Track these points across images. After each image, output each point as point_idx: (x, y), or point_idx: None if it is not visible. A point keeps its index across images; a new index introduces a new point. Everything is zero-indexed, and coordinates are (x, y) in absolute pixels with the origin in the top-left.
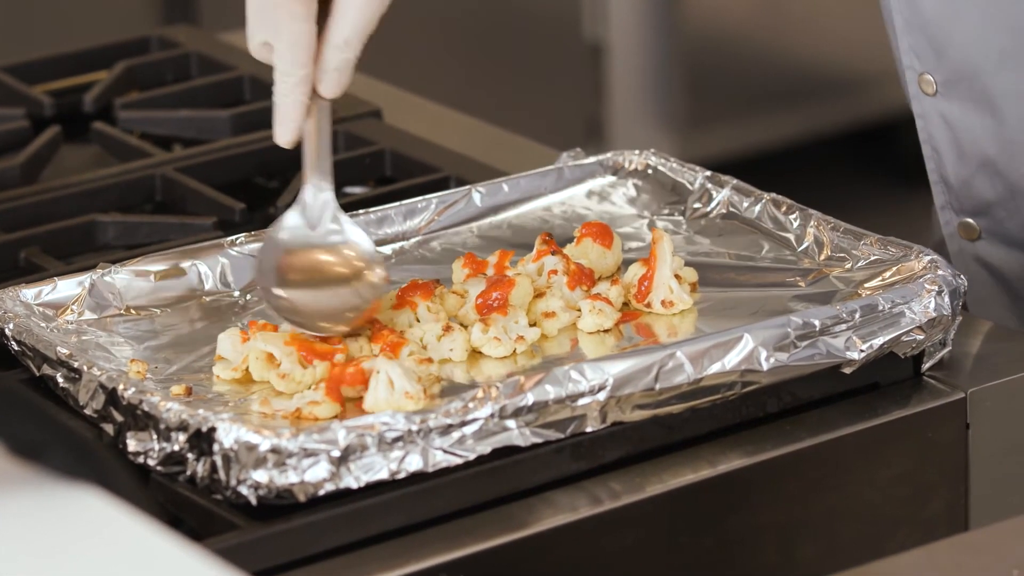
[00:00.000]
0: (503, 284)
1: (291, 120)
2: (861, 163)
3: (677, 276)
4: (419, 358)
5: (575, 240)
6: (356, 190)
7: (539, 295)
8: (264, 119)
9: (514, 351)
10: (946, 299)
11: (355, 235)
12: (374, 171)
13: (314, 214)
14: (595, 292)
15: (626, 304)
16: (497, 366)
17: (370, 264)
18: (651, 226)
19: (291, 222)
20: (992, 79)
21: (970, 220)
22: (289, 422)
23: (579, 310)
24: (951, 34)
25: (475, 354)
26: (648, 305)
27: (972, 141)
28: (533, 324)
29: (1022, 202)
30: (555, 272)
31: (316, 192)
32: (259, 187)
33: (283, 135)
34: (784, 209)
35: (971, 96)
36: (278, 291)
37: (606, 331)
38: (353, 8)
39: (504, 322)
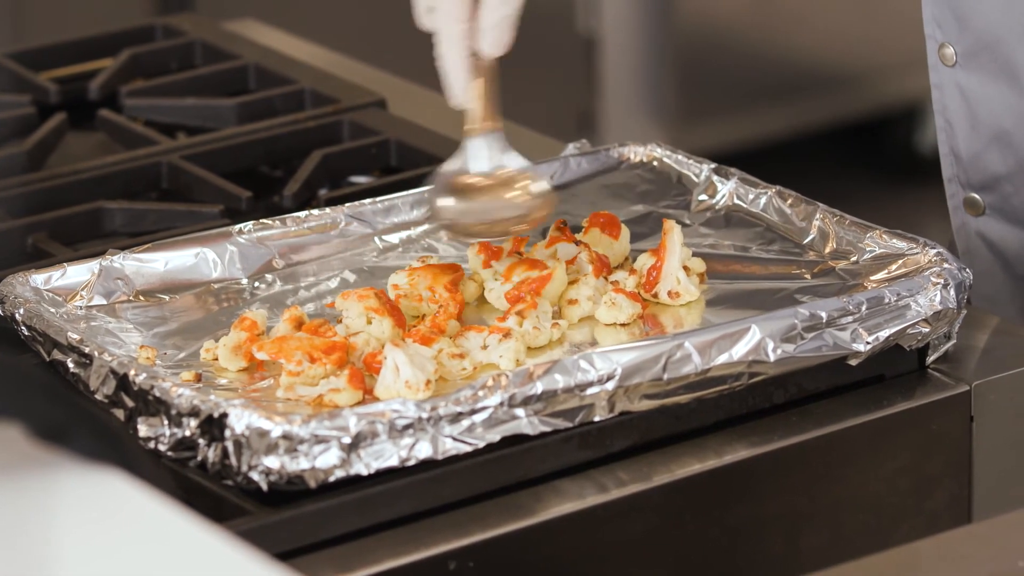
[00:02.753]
0: (539, 279)
1: (458, 77)
2: (853, 158)
3: (685, 267)
4: (451, 353)
5: (583, 230)
6: (362, 179)
7: (572, 282)
8: (268, 108)
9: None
10: (952, 292)
11: (520, 161)
12: (380, 161)
13: (483, 156)
14: (613, 279)
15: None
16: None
17: (534, 177)
18: (662, 218)
19: (456, 165)
20: (1015, 50)
21: (976, 195)
22: (311, 408)
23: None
24: (975, 4)
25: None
26: (655, 295)
27: (988, 113)
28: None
29: None
30: (572, 262)
31: (487, 136)
32: (264, 175)
33: (454, 94)
34: (790, 202)
35: (991, 67)
36: (451, 203)
37: (623, 324)
38: None
39: (536, 313)
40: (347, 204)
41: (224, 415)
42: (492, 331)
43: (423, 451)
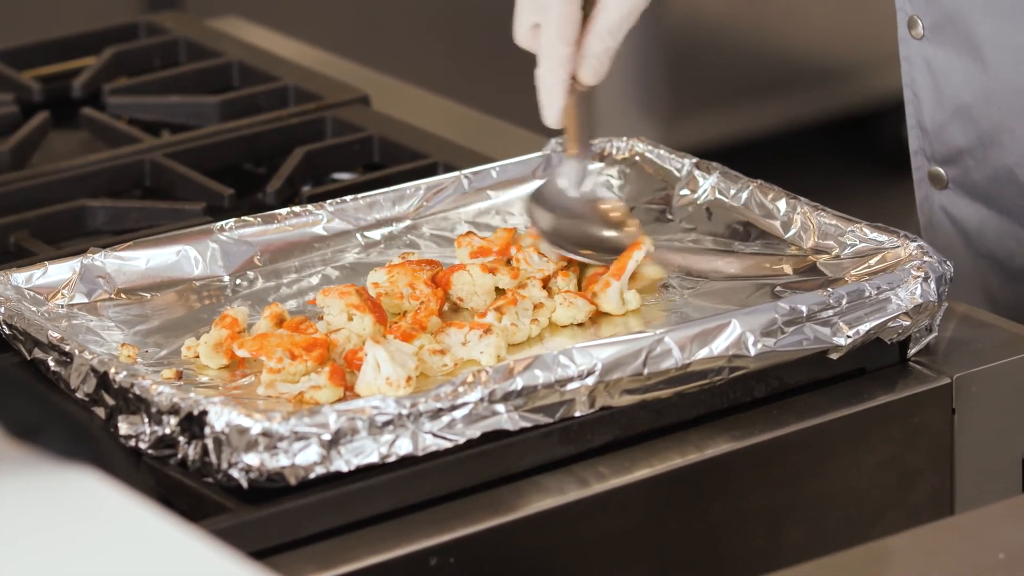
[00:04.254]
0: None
1: (555, 98)
2: (843, 152)
3: (637, 274)
4: (432, 349)
5: None
6: (345, 176)
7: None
8: (252, 105)
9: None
10: (932, 285)
11: (606, 191)
12: (362, 157)
13: (574, 179)
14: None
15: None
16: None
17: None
18: (640, 222)
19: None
20: (978, 24)
21: (939, 169)
22: (292, 405)
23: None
24: None
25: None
26: (593, 295)
27: (952, 86)
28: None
29: (991, 151)
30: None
31: (578, 163)
32: (248, 173)
33: (549, 115)
34: (771, 196)
35: (956, 41)
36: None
37: (579, 324)
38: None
39: (515, 309)
40: (329, 201)
41: (204, 412)
42: (473, 327)
43: (403, 447)
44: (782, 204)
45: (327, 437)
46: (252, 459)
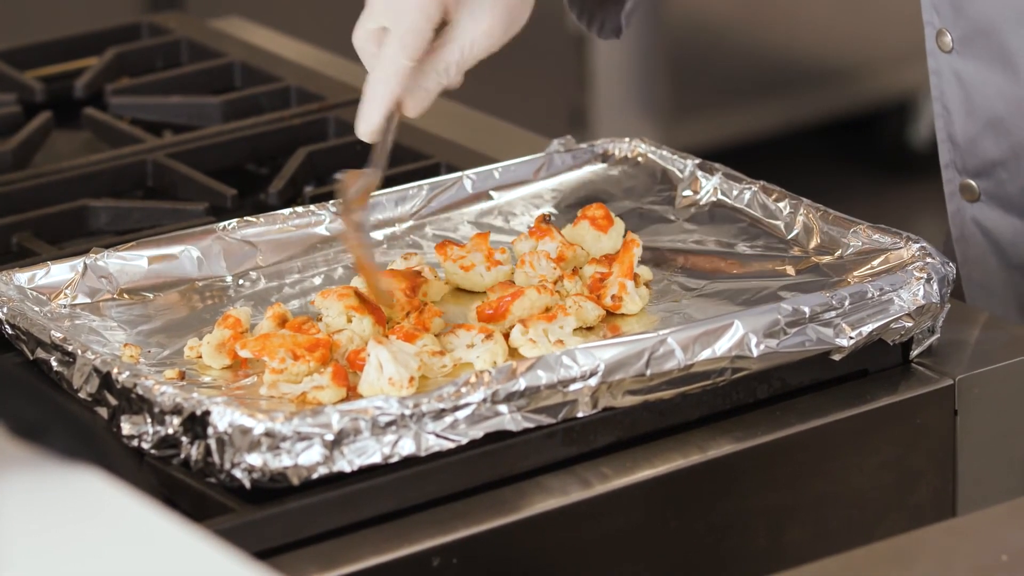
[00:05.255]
0: (512, 294)
1: (378, 109)
2: (845, 152)
3: (636, 276)
4: (431, 351)
5: (573, 222)
6: None
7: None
8: (254, 106)
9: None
10: (935, 286)
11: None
12: (365, 157)
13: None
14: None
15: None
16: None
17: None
18: (631, 229)
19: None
20: (1009, 37)
21: (971, 181)
22: (294, 405)
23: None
24: None
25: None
26: (599, 298)
27: (983, 98)
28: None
29: None
30: (549, 255)
31: (365, 179)
32: (250, 173)
33: (366, 126)
34: (774, 197)
35: (987, 54)
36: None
37: (589, 328)
38: (470, 37)
39: (546, 326)
40: (332, 201)
41: (207, 413)
42: (481, 331)
43: (406, 448)
44: (785, 205)
45: (330, 437)
46: (255, 459)
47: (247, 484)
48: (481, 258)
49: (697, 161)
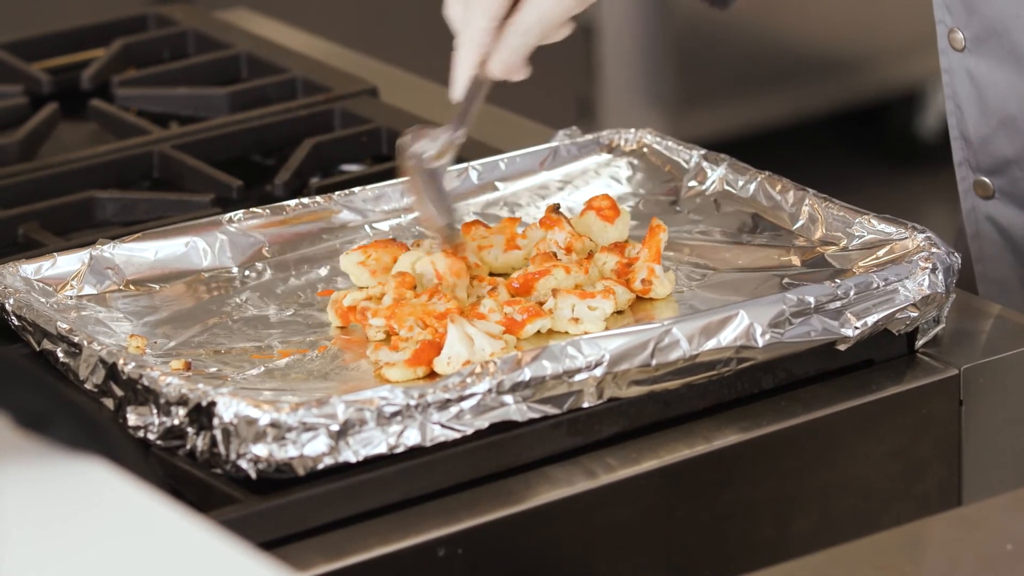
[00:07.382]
0: (539, 272)
1: (463, 72)
2: (853, 143)
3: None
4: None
5: (580, 212)
6: (353, 167)
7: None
8: (260, 97)
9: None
10: (940, 276)
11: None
12: (371, 148)
13: (438, 148)
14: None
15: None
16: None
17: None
18: (652, 213)
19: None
20: (1021, 35)
21: (985, 179)
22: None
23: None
24: None
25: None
26: (628, 282)
27: (996, 97)
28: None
29: None
30: (558, 244)
31: (447, 134)
32: (256, 164)
33: (452, 88)
34: (779, 187)
35: (999, 53)
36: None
37: (619, 312)
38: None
39: (588, 303)
40: (338, 192)
41: (212, 403)
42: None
43: (411, 438)
44: (790, 195)
45: (335, 428)
46: (260, 450)
47: (253, 475)
48: (502, 240)
49: (702, 152)
